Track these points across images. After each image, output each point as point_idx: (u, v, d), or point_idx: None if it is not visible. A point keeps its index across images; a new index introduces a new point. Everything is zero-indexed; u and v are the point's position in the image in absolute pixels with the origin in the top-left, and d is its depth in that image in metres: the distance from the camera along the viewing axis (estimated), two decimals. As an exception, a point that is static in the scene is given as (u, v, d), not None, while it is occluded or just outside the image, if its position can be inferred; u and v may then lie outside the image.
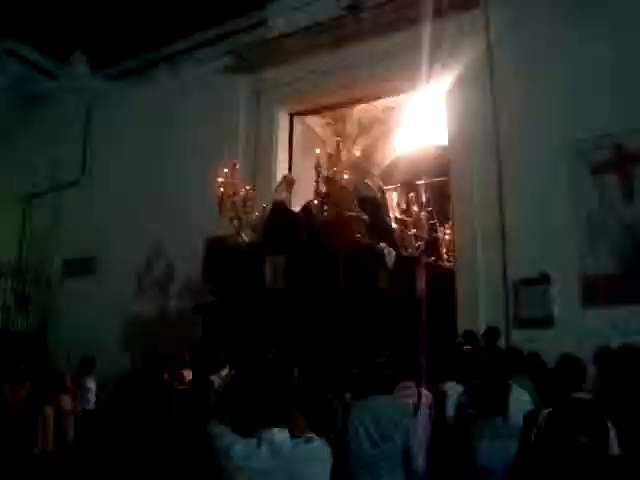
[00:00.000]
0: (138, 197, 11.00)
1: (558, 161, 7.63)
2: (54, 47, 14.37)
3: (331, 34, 9.67)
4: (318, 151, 8.05)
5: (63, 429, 7.40)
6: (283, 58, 10.11)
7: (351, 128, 11.37)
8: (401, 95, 10.33)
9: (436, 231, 9.75)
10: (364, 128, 11.56)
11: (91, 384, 8.28)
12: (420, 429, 4.36)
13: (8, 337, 10.81)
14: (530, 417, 4.39)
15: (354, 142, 11.54)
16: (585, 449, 3.21)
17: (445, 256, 9.69)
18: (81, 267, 11.49)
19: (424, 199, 9.37)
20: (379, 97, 10.41)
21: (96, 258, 11.38)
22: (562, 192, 7.55)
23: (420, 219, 8.68)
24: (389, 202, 10.06)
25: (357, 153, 8.10)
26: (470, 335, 7.00)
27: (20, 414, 6.91)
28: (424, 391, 4.61)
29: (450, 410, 4.81)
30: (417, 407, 4.41)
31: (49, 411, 7.21)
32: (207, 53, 11.44)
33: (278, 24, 10.45)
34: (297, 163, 10.32)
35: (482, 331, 6.97)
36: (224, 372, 4.77)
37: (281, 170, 9.98)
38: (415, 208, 8.73)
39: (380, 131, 11.81)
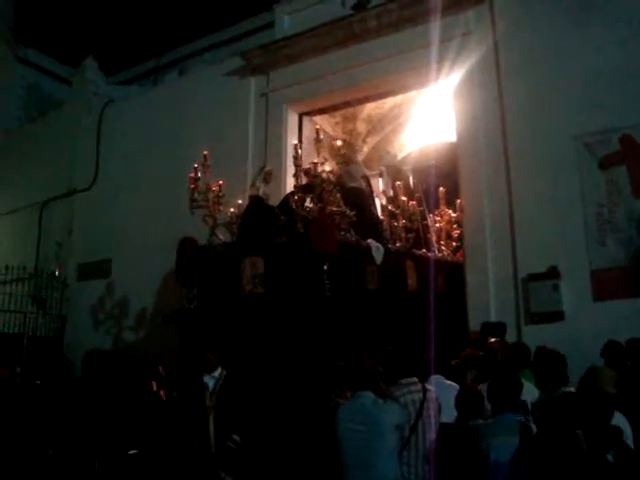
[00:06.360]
0: (150, 200, 11.09)
1: (566, 155, 7.59)
2: (67, 54, 14.62)
3: (338, 34, 9.67)
4: (295, 141, 7.67)
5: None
6: (291, 59, 10.17)
7: (361, 126, 11.38)
8: (410, 92, 10.33)
9: (425, 219, 9.21)
10: (374, 126, 11.56)
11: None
12: (426, 425, 4.38)
13: (27, 341, 10.98)
14: (534, 411, 4.41)
15: (364, 140, 11.56)
16: (581, 443, 3.20)
17: (435, 245, 9.16)
18: (95, 270, 11.62)
19: (411, 185, 8.91)
20: (388, 95, 10.38)
21: (111, 261, 11.50)
22: (571, 186, 7.51)
23: (409, 209, 8.22)
24: (374, 189, 9.56)
25: (338, 142, 7.66)
26: (489, 327, 6.98)
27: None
28: (429, 387, 4.60)
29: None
30: (422, 403, 4.41)
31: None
32: (216, 55, 11.51)
33: (285, 25, 10.52)
34: (307, 163, 10.31)
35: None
36: (216, 373, 4.83)
37: (291, 171, 9.99)
38: (404, 198, 8.34)
39: (390, 129, 11.80)
